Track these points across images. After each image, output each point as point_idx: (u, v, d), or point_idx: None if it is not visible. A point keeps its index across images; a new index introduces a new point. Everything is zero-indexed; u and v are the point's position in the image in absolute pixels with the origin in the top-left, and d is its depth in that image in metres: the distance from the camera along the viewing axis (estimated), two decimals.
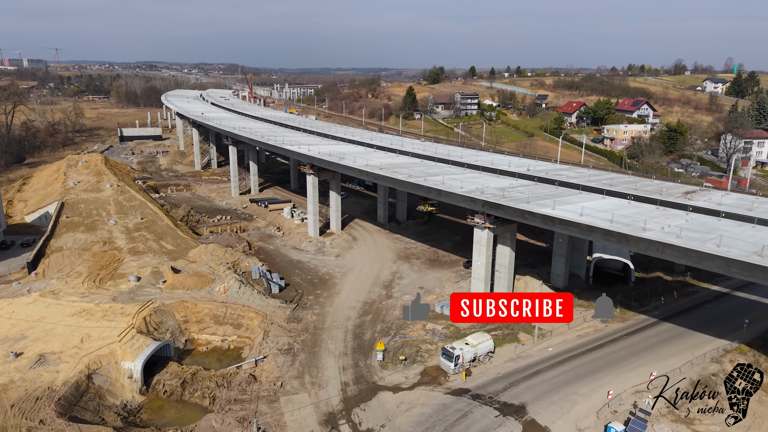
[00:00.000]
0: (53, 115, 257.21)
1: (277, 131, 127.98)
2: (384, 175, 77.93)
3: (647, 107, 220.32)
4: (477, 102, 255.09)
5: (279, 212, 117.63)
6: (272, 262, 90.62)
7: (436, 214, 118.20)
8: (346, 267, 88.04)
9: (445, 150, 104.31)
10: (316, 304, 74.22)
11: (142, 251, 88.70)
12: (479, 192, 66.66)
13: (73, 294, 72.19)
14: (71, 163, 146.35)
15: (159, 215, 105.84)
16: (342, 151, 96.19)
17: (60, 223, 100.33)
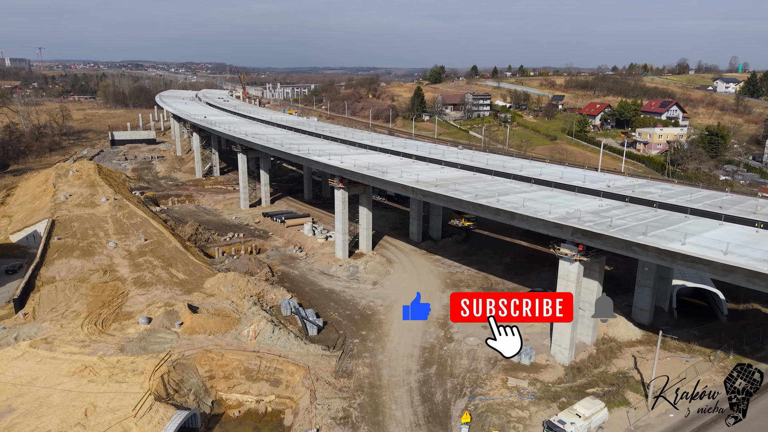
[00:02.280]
0: (38, 117, 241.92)
1: (294, 138, 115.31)
2: (442, 194, 65.69)
3: (676, 109, 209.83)
4: (489, 103, 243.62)
5: (298, 229, 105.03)
6: (300, 291, 78.24)
7: (473, 229, 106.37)
8: (388, 298, 75.82)
9: (499, 161, 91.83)
10: (365, 351, 61.95)
11: (149, 282, 75.82)
12: (575, 219, 54.79)
13: (71, 342, 59.31)
14: (61, 173, 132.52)
15: (165, 235, 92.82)
16: (378, 163, 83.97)
17: (51, 246, 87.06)
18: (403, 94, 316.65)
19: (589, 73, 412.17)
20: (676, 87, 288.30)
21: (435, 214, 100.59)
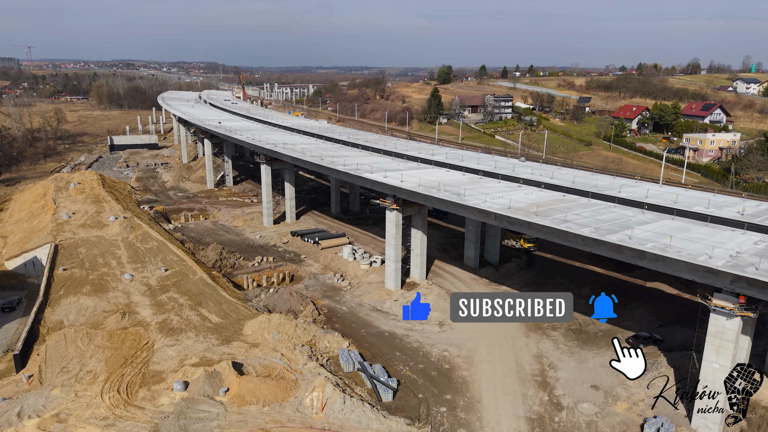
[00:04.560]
0: (31, 120, 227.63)
1: (329, 149, 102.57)
2: (552, 228, 53.12)
3: (720, 112, 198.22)
4: (511, 105, 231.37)
5: (336, 252, 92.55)
6: (356, 336, 65.93)
7: (533, 251, 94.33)
8: (463, 346, 63.50)
9: (568, 175, 79.41)
10: (458, 425, 49.69)
11: (177, 327, 63.08)
12: (740, 264, 42.78)
13: (91, 420, 46.66)
14: (61, 185, 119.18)
15: (188, 264, 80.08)
16: (442, 181, 71.73)
17: (56, 278, 74.15)
18: (412, 95, 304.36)
19: (598, 73, 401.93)
20: (695, 88, 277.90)
21: (492, 235, 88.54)
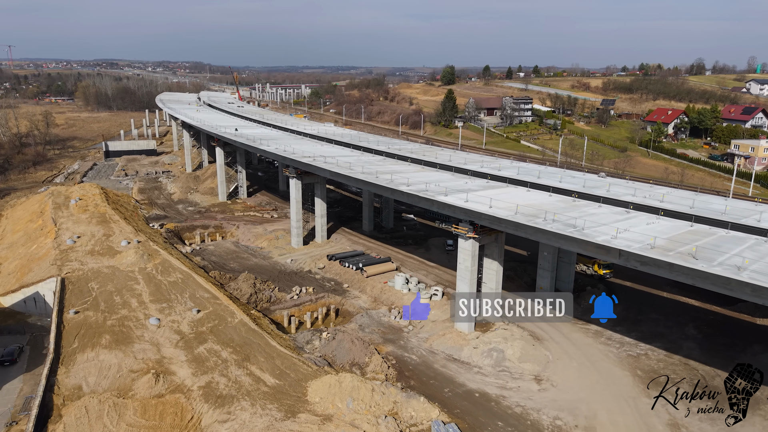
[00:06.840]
0: (18, 123, 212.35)
1: (374, 162, 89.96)
2: (710, 274, 41.87)
3: (762, 116, 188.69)
4: (530, 107, 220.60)
5: (384, 281, 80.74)
6: (440, 398, 54.19)
7: (609, 278, 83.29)
8: (577, 411, 52.04)
9: (701, 201, 66.22)
10: None
11: (227, 394, 50.75)
12: None
13: None
14: (59, 201, 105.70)
15: (221, 302, 67.65)
16: (531, 204, 60.27)
17: (66, 324, 61.38)
18: (418, 97, 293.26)
19: (601, 73, 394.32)
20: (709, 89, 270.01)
21: (566, 262, 77.38)
